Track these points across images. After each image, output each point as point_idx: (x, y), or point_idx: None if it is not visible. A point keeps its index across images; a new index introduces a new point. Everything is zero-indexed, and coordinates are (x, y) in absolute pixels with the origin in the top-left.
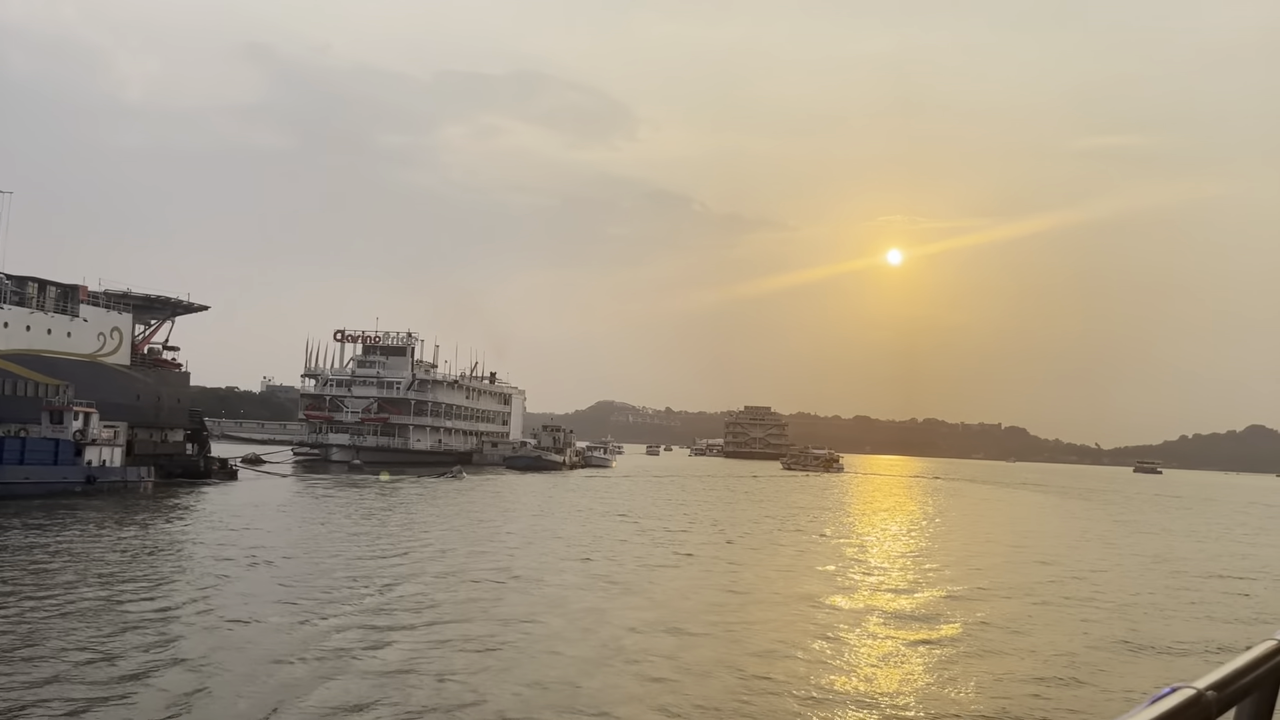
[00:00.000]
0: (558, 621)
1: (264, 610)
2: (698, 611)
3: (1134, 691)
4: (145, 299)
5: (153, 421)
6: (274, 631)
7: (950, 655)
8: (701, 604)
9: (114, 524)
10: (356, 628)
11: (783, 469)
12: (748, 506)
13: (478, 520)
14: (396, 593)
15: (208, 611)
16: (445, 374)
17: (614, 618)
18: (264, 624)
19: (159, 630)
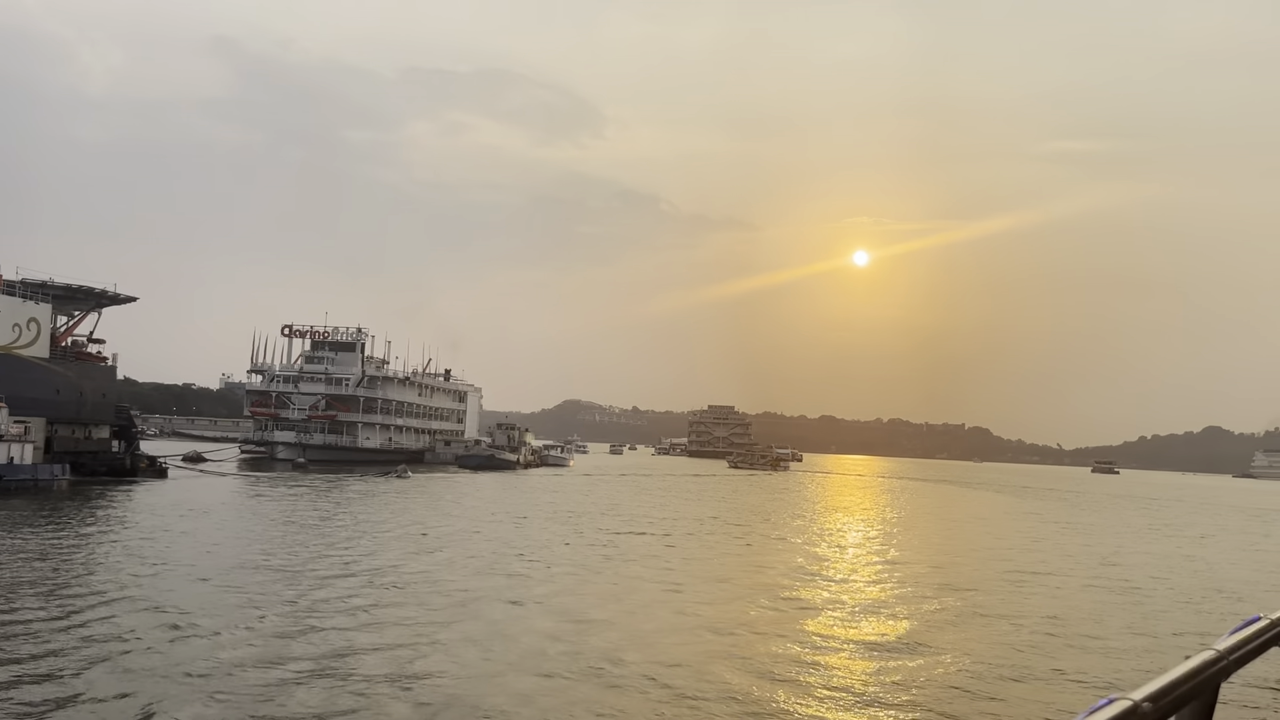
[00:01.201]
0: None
1: (134, 621)
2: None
3: (1057, 703)
4: (67, 289)
5: (74, 417)
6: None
7: (864, 656)
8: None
9: (6, 526)
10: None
11: (729, 467)
12: (680, 505)
13: (401, 522)
14: (274, 609)
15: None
16: (396, 371)
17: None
18: (131, 639)
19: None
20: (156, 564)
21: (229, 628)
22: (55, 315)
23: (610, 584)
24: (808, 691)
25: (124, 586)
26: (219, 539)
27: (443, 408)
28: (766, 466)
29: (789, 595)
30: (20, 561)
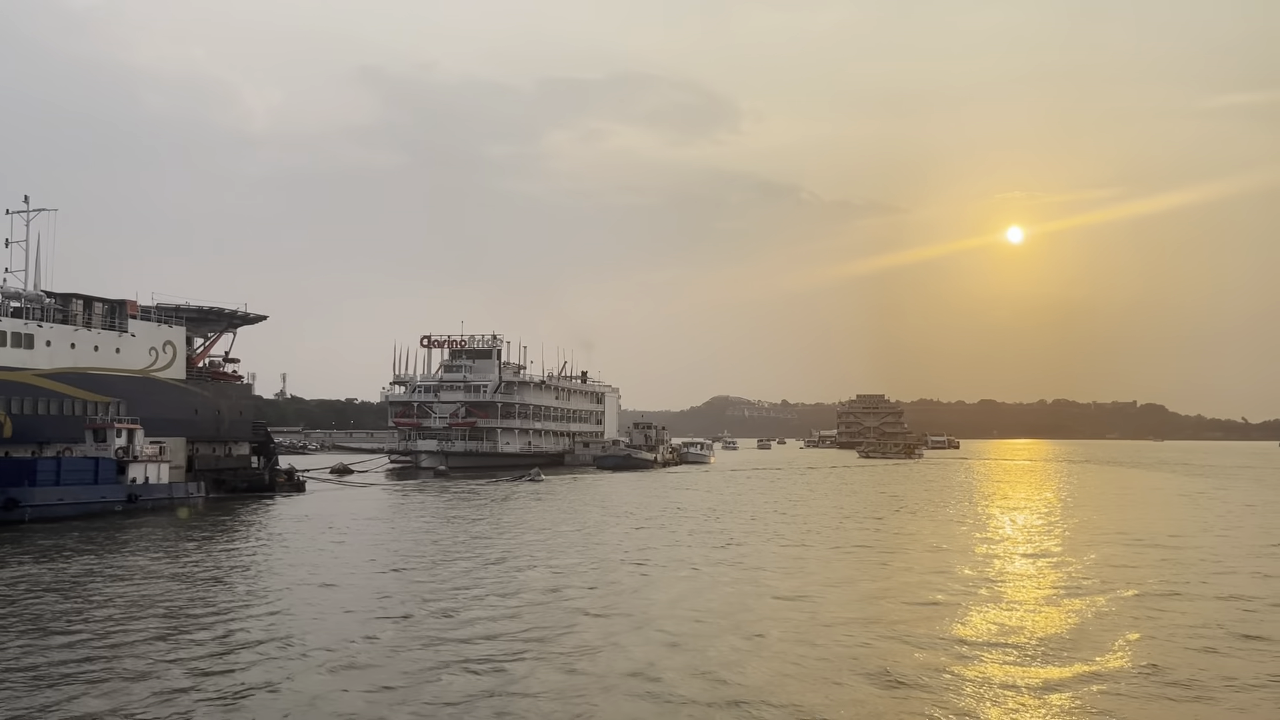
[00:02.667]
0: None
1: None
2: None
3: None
4: (199, 311)
5: (213, 435)
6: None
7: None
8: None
9: (131, 546)
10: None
11: (860, 457)
12: (821, 499)
13: (520, 522)
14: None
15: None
16: (533, 375)
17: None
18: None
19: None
20: (290, 573)
21: (342, 643)
22: (191, 337)
23: (720, 589)
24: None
25: (259, 595)
26: (339, 550)
27: (581, 409)
28: (900, 454)
29: (930, 619)
30: (144, 580)
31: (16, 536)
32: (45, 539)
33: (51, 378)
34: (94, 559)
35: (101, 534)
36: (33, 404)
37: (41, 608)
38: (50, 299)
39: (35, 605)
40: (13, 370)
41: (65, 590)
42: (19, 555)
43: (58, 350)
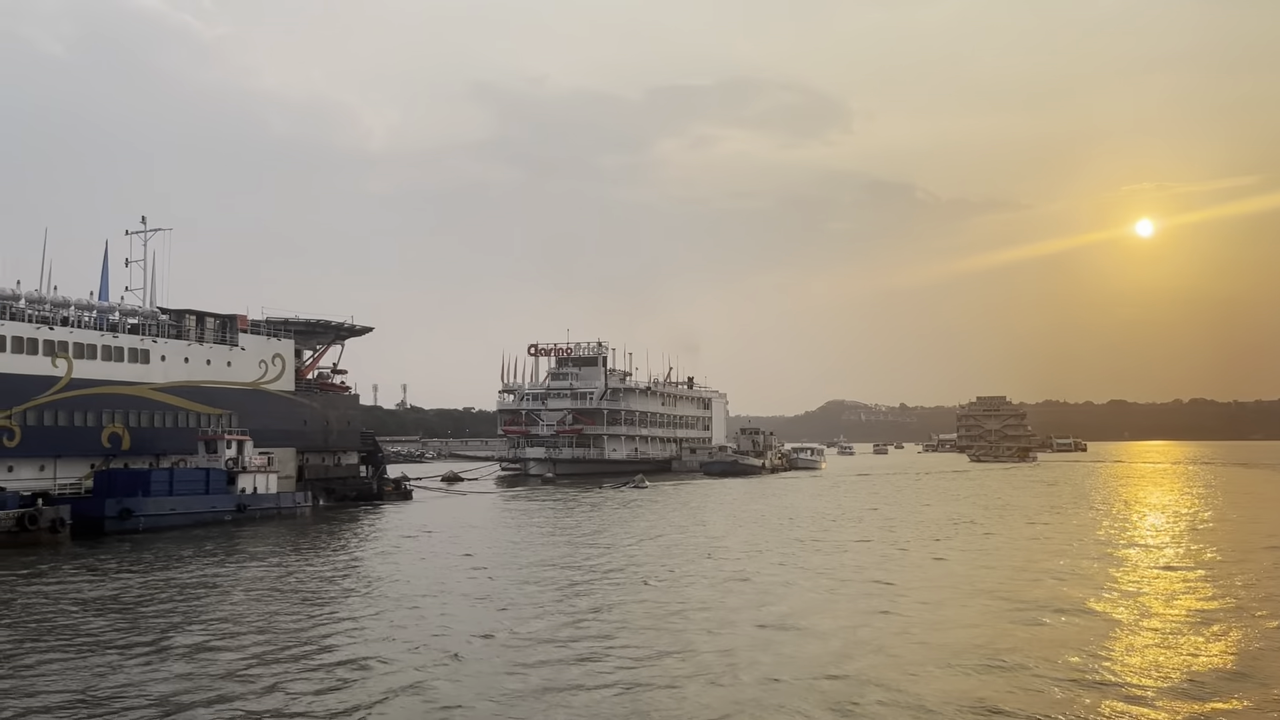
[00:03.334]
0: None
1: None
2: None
3: None
4: (307, 324)
5: (322, 445)
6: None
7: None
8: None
9: (240, 555)
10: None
11: (970, 461)
12: (942, 505)
13: (623, 529)
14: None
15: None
16: (638, 382)
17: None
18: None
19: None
20: (397, 580)
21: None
22: (300, 350)
23: (818, 597)
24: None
25: (366, 602)
26: (441, 556)
27: (687, 415)
28: (1013, 457)
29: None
30: (252, 587)
31: (130, 545)
32: (158, 547)
33: (167, 391)
34: (204, 567)
35: (212, 543)
36: (149, 417)
37: (152, 615)
38: (165, 315)
39: (143, 612)
40: (130, 384)
41: (176, 598)
42: (133, 563)
43: (172, 365)
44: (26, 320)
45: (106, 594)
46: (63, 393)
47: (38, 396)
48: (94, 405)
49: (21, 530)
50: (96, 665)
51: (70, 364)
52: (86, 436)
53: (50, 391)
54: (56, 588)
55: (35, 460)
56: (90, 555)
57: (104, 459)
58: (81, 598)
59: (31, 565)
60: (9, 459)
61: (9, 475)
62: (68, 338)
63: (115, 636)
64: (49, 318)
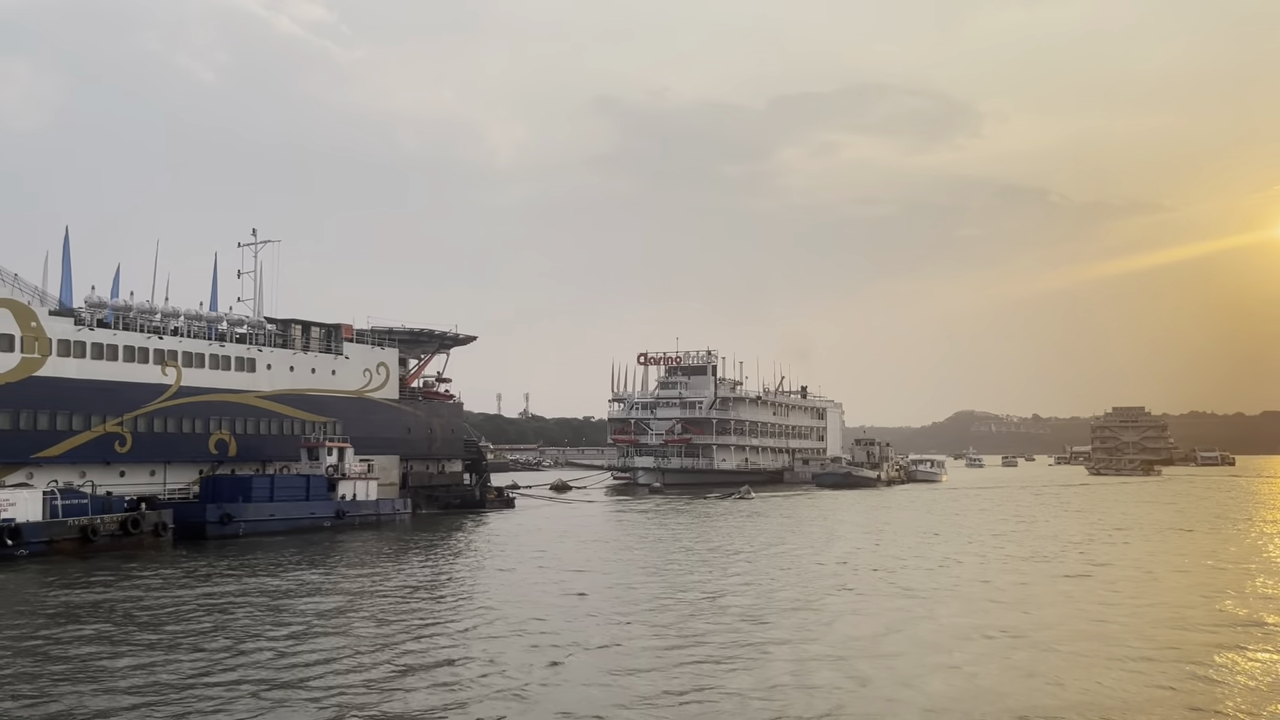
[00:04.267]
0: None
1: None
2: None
3: None
4: (411, 333)
5: (426, 453)
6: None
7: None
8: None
9: (336, 560)
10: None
11: (1089, 474)
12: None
13: (713, 542)
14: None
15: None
16: (748, 391)
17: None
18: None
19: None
20: (486, 588)
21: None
22: (405, 359)
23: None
24: None
25: (457, 608)
26: (524, 567)
27: (800, 425)
28: (1136, 471)
29: None
30: (346, 593)
31: (229, 550)
32: (255, 553)
33: (272, 399)
34: (296, 573)
35: (308, 549)
36: (255, 424)
37: (246, 618)
38: (271, 325)
39: (236, 615)
40: (237, 392)
41: (270, 603)
42: (228, 567)
43: (278, 373)
44: (138, 330)
45: (192, 598)
46: (172, 400)
47: (148, 404)
48: (201, 412)
49: (125, 534)
50: (156, 669)
51: (179, 372)
52: (194, 443)
53: (160, 399)
54: (134, 592)
55: (146, 465)
56: (188, 560)
57: (212, 465)
58: (160, 602)
59: (115, 568)
60: (120, 464)
61: (121, 480)
62: (176, 347)
63: (189, 641)
64: (159, 328)
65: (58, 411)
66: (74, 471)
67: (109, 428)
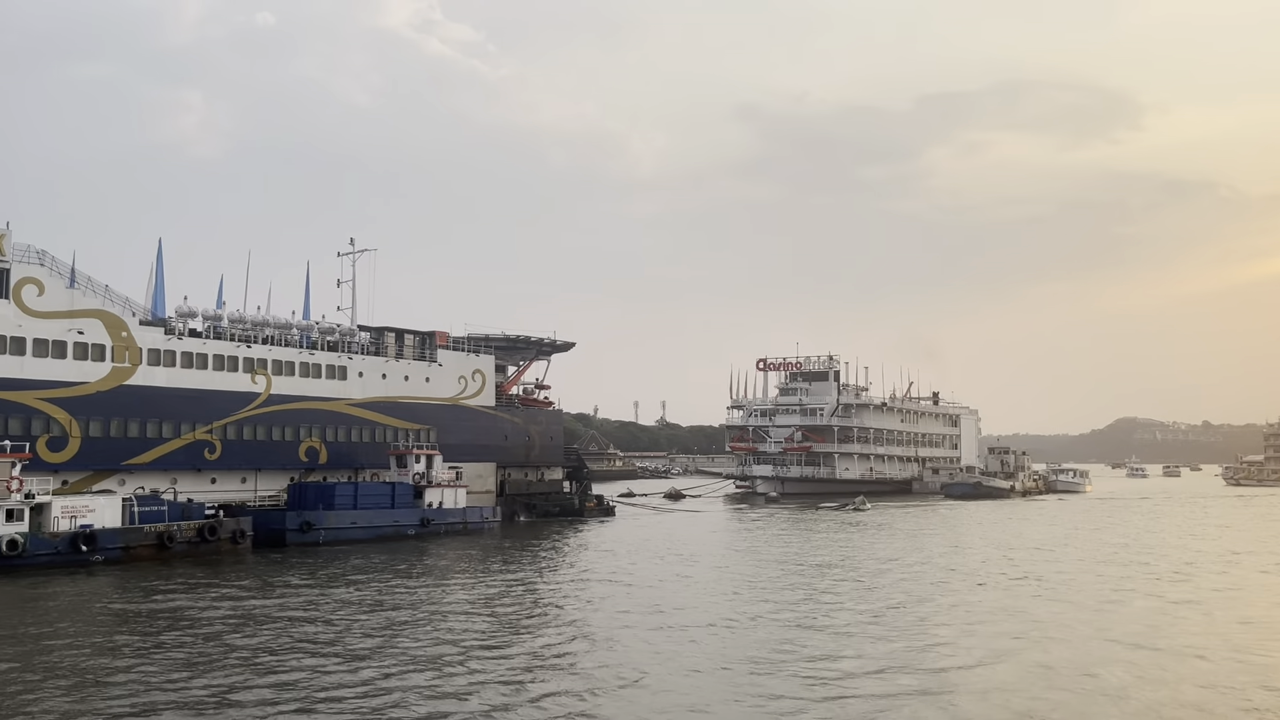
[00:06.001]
0: None
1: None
2: None
3: None
4: (507, 339)
5: (524, 460)
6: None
7: None
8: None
9: (415, 570)
10: None
11: (1225, 484)
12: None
13: (807, 559)
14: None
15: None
16: (873, 397)
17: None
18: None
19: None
20: (572, 599)
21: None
22: (504, 365)
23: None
24: None
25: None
26: (617, 577)
27: (931, 433)
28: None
29: None
30: (428, 605)
31: (307, 559)
32: (333, 562)
33: (364, 406)
34: (365, 583)
35: (387, 557)
36: (346, 431)
37: (311, 629)
38: (365, 333)
39: (298, 624)
40: (328, 400)
41: (322, 618)
42: (301, 575)
43: (370, 381)
44: (230, 339)
45: (251, 607)
46: (261, 408)
47: (237, 412)
48: (291, 420)
49: (202, 541)
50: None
51: (269, 380)
52: (284, 450)
53: (249, 407)
54: (181, 601)
55: (236, 473)
56: (262, 568)
57: (303, 472)
58: (213, 612)
59: (185, 576)
60: (211, 471)
61: (212, 487)
62: (266, 355)
63: (219, 653)
64: (250, 336)
65: (148, 419)
66: (165, 478)
67: (199, 435)
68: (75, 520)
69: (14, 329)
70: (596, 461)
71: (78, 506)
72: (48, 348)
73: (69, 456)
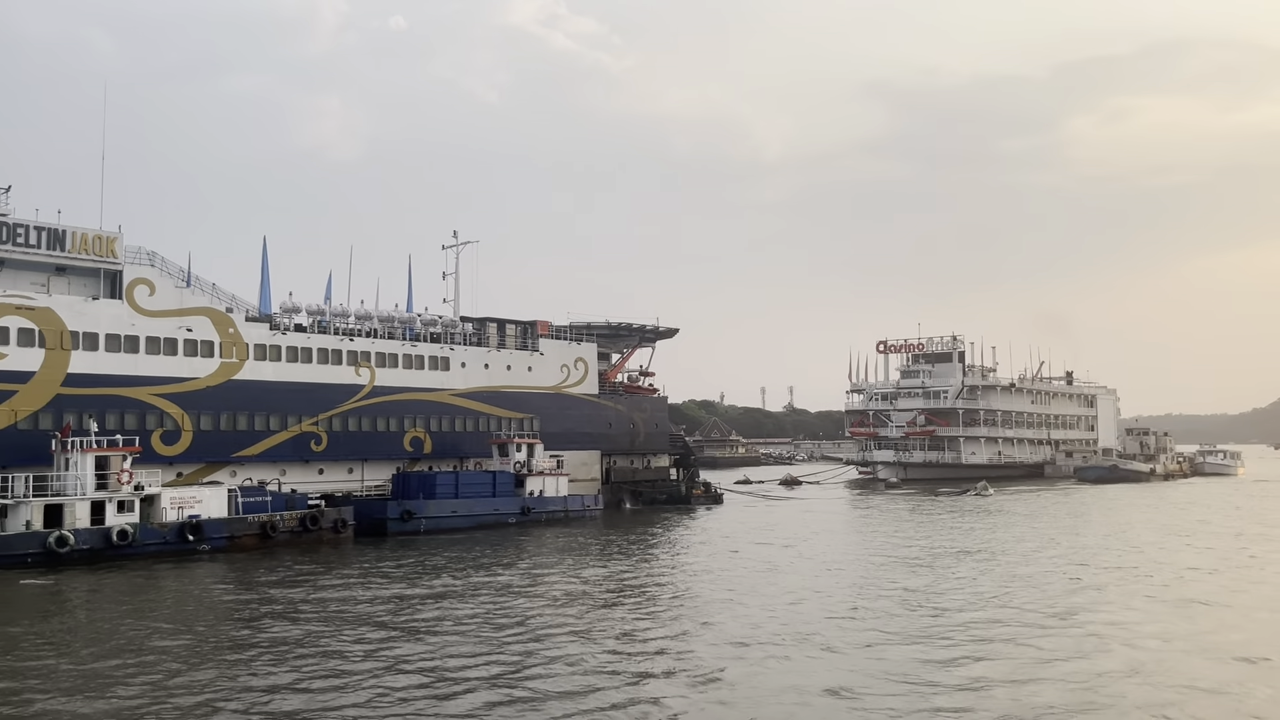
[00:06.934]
0: None
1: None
2: None
3: None
4: (611, 328)
5: (629, 448)
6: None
7: None
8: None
9: (514, 559)
10: None
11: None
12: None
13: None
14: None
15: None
16: (1000, 378)
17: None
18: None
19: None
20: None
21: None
22: (608, 353)
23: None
24: None
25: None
26: (719, 565)
27: (1065, 414)
28: None
29: None
30: (484, 593)
31: (406, 547)
32: (433, 550)
33: (467, 396)
34: (463, 572)
35: (485, 546)
36: (450, 421)
37: (400, 621)
38: (467, 323)
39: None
40: (431, 391)
41: (424, 604)
42: (394, 563)
43: (472, 371)
44: (334, 333)
45: (346, 598)
46: (365, 400)
47: (342, 404)
48: (395, 411)
49: (304, 530)
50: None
51: (372, 373)
52: (389, 441)
53: (354, 399)
54: (286, 591)
55: (343, 463)
56: (357, 557)
57: (408, 462)
58: (312, 600)
59: (288, 564)
60: (318, 462)
61: (319, 477)
62: (370, 348)
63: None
64: (354, 330)
65: (255, 413)
66: (274, 469)
67: (305, 427)
68: (183, 511)
69: (128, 328)
70: (718, 448)
71: (185, 497)
72: (159, 345)
73: (182, 449)
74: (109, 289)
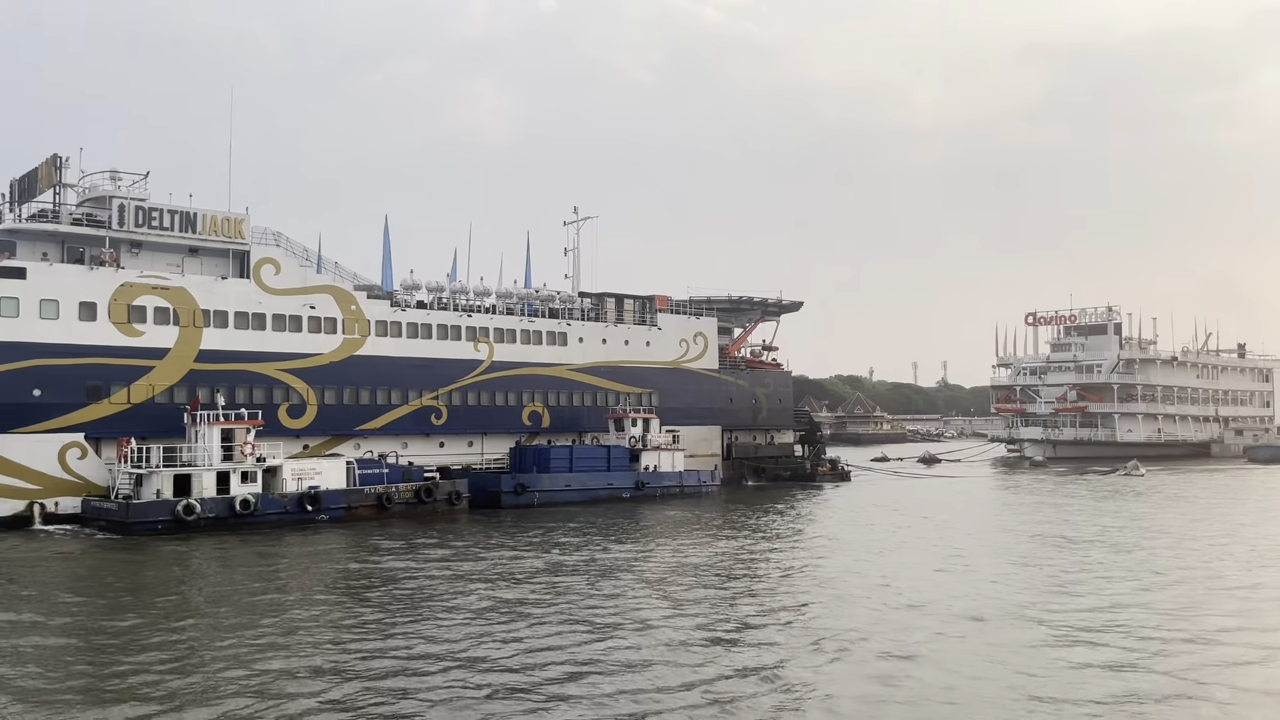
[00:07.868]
0: None
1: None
2: None
3: None
4: (732, 302)
5: (750, 424)
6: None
7: None
8: None
9: (630, 533)
10: None
11: None
12: None
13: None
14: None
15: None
16: (1161, 351)
17: None
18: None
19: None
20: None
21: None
22: (730, 328)
23: None
24: None
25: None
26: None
27: (1236, 390)
28: None
29: None
30: (584, 570)
31: (520, 520)
32: (542, 523)
33: (585, 371)
34: (575, 546)
35: (598, 520)
36: (568, 396)
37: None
38: (585, 299)
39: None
40: (549, 366)
41: (533, 579)
42: (509, 535)
43: (590, 346)
44: (453, 309)
45: (459, 568)
46: (484, 375)
47: (461, 379)
48: (514, 386)
49: (419, 502)
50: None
51: (490, 348)
52: (507, 415)
53: (473, 374)
54: (398, 562)
55: (463, 437)
56: (469, 528)
57: (526, 435)
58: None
59: (401, 534)
60: (439, 435)
61: (440, 450)
62: (488, 324)
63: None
64: (473, 306)
65: (377, 387)
66: (396, 443)
67: (425, 402)
68: (303, 482)
69: (255, 306)
70: (862, 425)
71: (305, 469)
72: (285, 322)
73: (307, 423)
74: (238, 269)
